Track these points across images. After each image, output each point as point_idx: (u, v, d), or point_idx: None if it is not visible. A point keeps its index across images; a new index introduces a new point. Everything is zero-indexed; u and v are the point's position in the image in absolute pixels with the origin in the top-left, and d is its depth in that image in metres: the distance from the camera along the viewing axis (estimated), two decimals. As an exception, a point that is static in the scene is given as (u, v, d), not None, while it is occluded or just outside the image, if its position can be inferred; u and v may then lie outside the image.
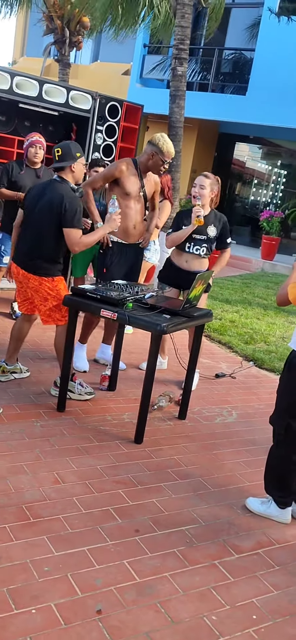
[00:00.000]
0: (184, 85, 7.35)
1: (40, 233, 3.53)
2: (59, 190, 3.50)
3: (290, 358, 2.84)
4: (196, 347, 3.94)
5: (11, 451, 2.99)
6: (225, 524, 2.79)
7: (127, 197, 4.07)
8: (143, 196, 4.16)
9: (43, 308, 3.63)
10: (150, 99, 11.74)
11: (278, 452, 2.89)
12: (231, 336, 6.16)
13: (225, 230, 4.30)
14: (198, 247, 4.21)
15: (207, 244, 4.22)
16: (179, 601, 2.21)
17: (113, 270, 4.09)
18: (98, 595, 2.14)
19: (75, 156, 3.57)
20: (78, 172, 3.62)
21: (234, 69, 15.35)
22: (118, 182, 4.03)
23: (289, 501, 2.91)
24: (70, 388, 3.70)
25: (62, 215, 3.45)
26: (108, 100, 5.93)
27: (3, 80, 5.11)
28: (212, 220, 4.23)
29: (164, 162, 4.03)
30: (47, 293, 3.58)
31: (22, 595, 2.06)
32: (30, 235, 3.57)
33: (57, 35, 10.06)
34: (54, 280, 3.59)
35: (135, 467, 3.12)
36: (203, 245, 4.21)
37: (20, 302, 3.78)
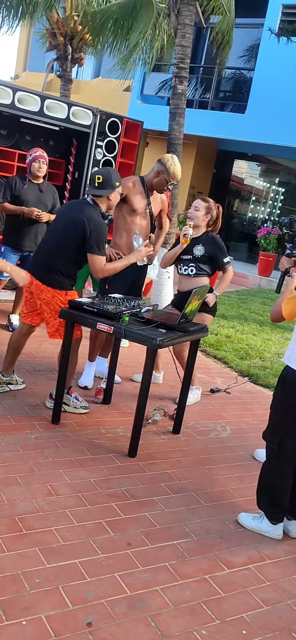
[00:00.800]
0: (184, 103, 7.43)
1: (62, 248, 3.58)
2: (88, 212, 3.55)
3: (284, 373, 2.87)
4: (191, 362, 3.97)
5: (5, 462, 3.00)
6: (217, 539, 2.81)
7: (133, 214, 4.13)
8: (150, 213, 4.22)
9: (53, 321, 3.66)
10: (151, 116, 11.87)
11: (270, 468, 2.91)
12: (227, 351, 6.20)
13: (218, 251, 4.25)
14: (186, 267, 4.27)
15: (194, 263, 4.23)
16: (170, 615, 2.22)
17: (115, 286, 4.11)
18: (89, 607, 2.15)
19: (115, 185, 3.62)
20: (114, 201, 3.68)
21: (234, 87, 15.56)
22: (125, 199, 4.09)
23: (281, 517, 2.93)
24: (65, 401, 3.72)
25: (86, 238, 3.49)
26: (109, 116, 6.01)
27: (5, 95, 5.18)
28: (201, 241, 4.26)
29: (168, 183, 4.10)
30: (58, 306, 3.60)
31: (13, 607, 2.07)
32: (52, 249, 3.63)
33: (59, 51, 10.19)
34: (67, 294, 3.64)
35: (128, 480, 3.14)
36: (190, 265, 4.25)
37: (26, 312, 3.80)
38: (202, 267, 4.26)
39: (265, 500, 2.95)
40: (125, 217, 4.15)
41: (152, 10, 8.13)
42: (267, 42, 12.38)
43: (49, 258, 3.62)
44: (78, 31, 10.07)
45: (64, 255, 3.59)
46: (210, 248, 4.25)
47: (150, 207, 4.19)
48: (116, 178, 3.67)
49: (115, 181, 3.64)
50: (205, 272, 4.29)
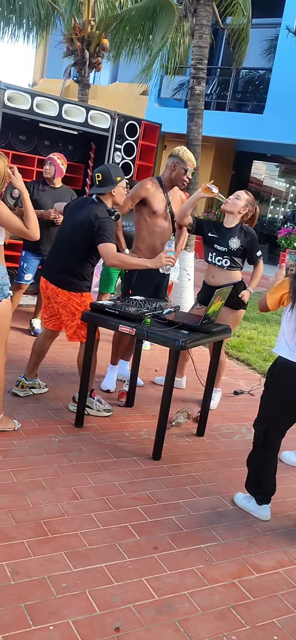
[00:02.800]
0: (202, 104, 7.39)
1: (71, 249, 3.56)
2: (94, 211, 3.52)
3: (273, 364, 2.94)
4: (214, 364, 3.91)
5: (29, 466, 3.00)
6: (245, 542, 2.75)
7: (154, 216, 4.10)
8: (170, 213, 4.17)
9: (70, 324, 3.64)
10: (168, 118, 11.84)
11: (256, 455, 3.04)
12: (250, 353, 6.12)
13: (253, 244, 4.19)
14: (220, 258, 4.16)
15: (229, 255, 4.14)
16: (198, 620, 2.18)
17: (138, 291, 4.07)
18: (117, 612, 2.12)
19: (115, 180, 3.57)
20: (118, 196, 3.62)
21: (251, 88, 15.45)
22: (145, 202, 4.06)
23: (265, 499, 3.02)
24: (88, 404, 3.70)
25: (95, 234, 3.46)
26: (127, 119, 6.01)
27: (24, 101, 5.22)
28: (236, 233, 4.16)
29: (186, 171, 4.05)
30: (75, 308, 3.59)
31: (39, 612, 2.04)
32: (62, 250, 3.62)
33: (77, 57, 10.24)
34: (82, 295, 3.60)
35: (153, 483, 3.10)
36: (224, 257, 4.14)
37: (47, 318, 3.79)
38: (236, 260, 4.18)
39: (251, 482, 3.06)
40: (146, 220, 4.12)
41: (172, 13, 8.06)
42: (285, 41, 12.24)
43: (60, 260, 3.61)
44: (96, 36, 10.10)
45: (74, 257, 3.56)
46: (245, 240, 4.16)
47: (170, 206, 4.15)
48: (116, 173, 3.60)
49: (116, 176, 3.58)
50: (238, 265, 4.21)
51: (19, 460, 3.03)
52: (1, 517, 2.52)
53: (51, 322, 3.78)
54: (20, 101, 5.19)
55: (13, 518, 2.54)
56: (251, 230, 4.25)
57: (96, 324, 3.57)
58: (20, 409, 3.62)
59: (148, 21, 8.52)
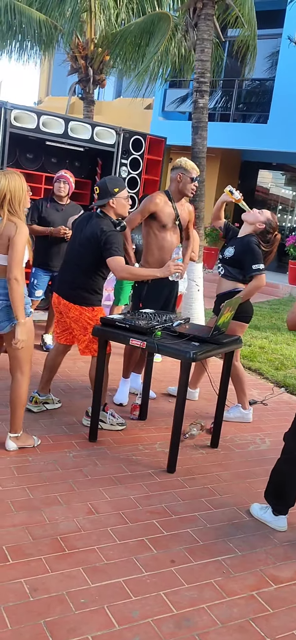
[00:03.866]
0: (206, 117, 7.44)
1: (80, 264, 3.61)
2: (99, 224, 3.56)
3: None
4: (226, 375, 3.90)
5: (45, 482, 3.01)
6: (262, 554, 2.73)
7: (164, 230, 4.12)
8: (179, 226, 4.21)
9: (82, 338, 3.67)
10: (173, 131, 11.94)
11: (284, 468, 2.98)
12: (261, 362, 6.09)
13: (248, 255, 4.00)
14: (219, 265, 4.25)
15: (222, 263, 4.19)
16: (218, 633, 2.16)
17: (148, 303, 4.08)
18: (136, 627, 2.11)
19: (113, 192, 3.59)
20: (119, 207, 3.63)
21: (255, 98, 15.53)
22: (154, 216, 4.09)
23: (284, 510, 2.98)
24: (101, 418, 3.71)
25: (102, 248, 3.49)
26: (132, 134, 6.07)
27: (30, 120, 5.30)
28: (236, 242, 4.13)
29: (192, 180, 4.08)
30: (87, 323, 3.62)
31: (59, 628, 2.04)
32: (72, 266, 3.66)
33: (81, 74, 10.40)
34: (94, 310, 3.63)
35: (168, 496, 3.09)
36: (220, 265, 4.22)
37: (59, 332, 3.83)
38: (230, 270, 4.12)
39: (271, 493, 3.02)
40: (156, 234, 4.14)
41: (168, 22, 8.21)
42: (287, 51, 12.33)
43: (71, 276, 3.65)
44: (99, 53, 10.25)
45: (84, 271, 3.60)
46: (239, 250, 4.05)
47: (178, 219, 4.18)
48: (113, 185, 3.61)
49: (113, 187, 3.59)
50: (232, 276, 4.12)
51: (34, 476, 3.04)
52: (18, 534, 2.53)
53: (63, 337, 3.80)
54: (26, 120, 5.27)
55: (30, 534, 2.54)
56: (251, 242, 4.05)
57: (107, 338, 3.59)
58: (34, 425, 3.64)
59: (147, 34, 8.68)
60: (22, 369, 3.19)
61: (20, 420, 3.26)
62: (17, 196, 3.06)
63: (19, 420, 3.25)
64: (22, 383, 3.20)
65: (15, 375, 3.20)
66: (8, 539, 2.48)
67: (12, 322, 3.10)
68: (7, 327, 3.12)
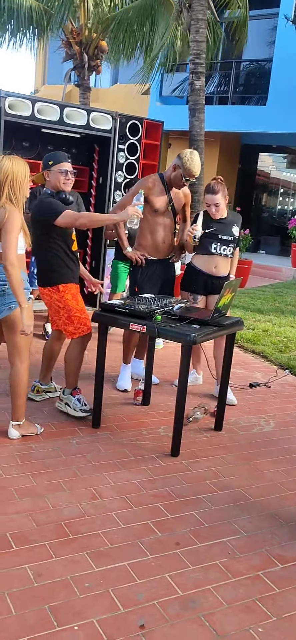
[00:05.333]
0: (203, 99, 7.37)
1: (36, 245, 3.56)
2: (38, 199, 3.63)
3: None
4: (229, 357, 3.87)
5: (48, 469, 3.00)
6: (268, 534, 2.71)
7: (156, 214, 4.07)
8: (172, 210, 4.15)
9: (57, 321, 3.66)
10: (171, 116, 11.83)
11: None
12: (265, 345, 6.06)
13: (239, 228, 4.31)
14: (225, 247, 4.16)
15: (233, 244, 4.21)
16: (224, 614, 2.15)
17: (145, 288, 4.06)
18: (141, 610, 2.10)
19: (47, 164, 3.60)
20: (53, 179, 3.58)
21: (253, 80, 15.37)
22: (147, 200, 4.03)
23: None
24: (67, 402, 3.68)
25: (43, 218, 3.48)
26: (129, 119, 6.01)
27: (25, 107, 5.24)
28: (234, 220, 4.23)
29: (183, 179, 4.01)
30: (57, 305, 3.59)
31: (64, 612, 2.04)
32: (35, 251, 3.67)
33: (76, 60, 10.31)
34: (59, 290, 3.55)
35: (172, 480, 3.08)
36: (230, 246, 4.18)
37: (51, 320, 3.83)
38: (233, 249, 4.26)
39: None
40: (148, 218, 4.09)
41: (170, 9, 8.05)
42: (284, 31, 12.16)
43: (36, 260, 3.71)
44: (94, 39, 10.14)
45: (39, 250, 3.59)
46: (240, 226, 4.26)
47: (172, 203, 4.12)
48: (49, 158, 3.63)
49: (48, 160, 3.61)
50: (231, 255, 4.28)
51: (37, 463, 3.03)
52: (22, 521, 2.52)
53: (55, 323, 3.79)
54: (21, 108, 5.22)
55: (34, 521, 2.53)
56: (239, 216, 4.34)
57: (107, 324, 3.56)
58: (37, 413, 3.63)
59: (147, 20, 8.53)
60: (21, 357, 3.17)
61: (21, 408, 3.25)
62: (18, 180, 3.04)
63: (20, 409, 3.24)
64: (21, 371, 3.18)
65: (15, 363, 3.18)
66: (11, 525, 2.48)
67: (9, 307, 3.07)
68: (4, 312, 3.10)
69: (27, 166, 3.14)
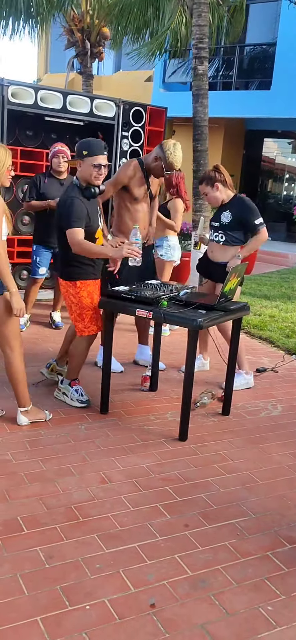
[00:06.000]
0: (206, 84, 7.29)
1: (59, 237, 3.52)
2: (65, 192, 3.50)
3: None
4: (235, 343, 3.87)
5: (57, 454, 3.02)
6: (276, 516, 2.73)
7: (135, 202, 4.07)
8: (150, 196, 4.16)
9: (71, 316, 3.58)
10: (175, 103, 11.77)
11: None
12: (272, 331, 6.06)
13: (247, 212, 4.04)
14: (216, 234, 4.18)
15: (223, 230, 4.12)
16: (233, 593, 2.17)
17: (126, 275, 3.97)
18: (151, 590, 2.13)
19: (82, 154, 3.40)
20: (83, 171, 3.41)
21: (257, 64, 15.22)
22: (127, 188, 4.02)
23: None
24: (65, 391, 3.69)
25: (63, 218, 3.39)
26: (132, 105, 5.97)
27: (28, 96, 5.23)
28: (228, 206, 4.11)
29: (164, 171, 3.98)
30: (70, 300, 3.52)
31: (75, 593, 2.07)
32: (58, 241, 3.62)
33: (78, 48, 10.24)
34: (76, 285, 3.48)
35: (181, 463, 3.10)
36: (219, 232, 4.15)
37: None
38: (233, 234, 4.10)
39: None
40: (128, 206, 4.08)
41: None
42: (287, 13, 11.99)
43: (59, 251, 3.62)
44: (96, 25, 10.07)
45: (61, 244, 3.49)
46: (237, 211, 4.06)
47: (150, 190, 4.11)
48: (83, 147, 3.39)
49: (82, 149, 3.38)
50: (237, 240, 4.11)
51: (47, 449, 3.06)
52: (32, 505, 2.55)
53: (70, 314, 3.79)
54: (24, 96, 5.21)
55: (44, 505, 2.56)
56: (245, 200, 4.12)
57: (113, 310, 3.57)
58: (45, 400, 3.65)
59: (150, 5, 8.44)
60: (10, 344, 3.11)
61: (23, 394, 3.25)
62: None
63: (22, 395, 3.25)
64: (12, 359, 3.14)
65: (5, 352, 3.14)
66: (22, 509, 2.51)
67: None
68: None
69: (8, 155, 3.05)
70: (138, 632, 1.92)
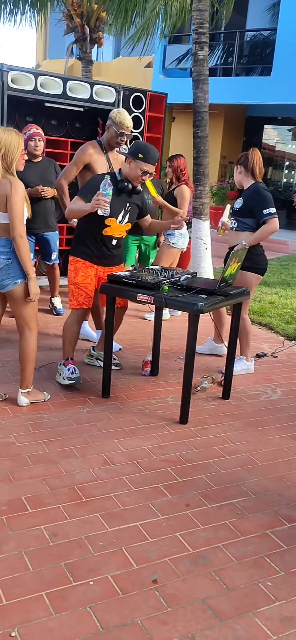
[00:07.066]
0: (206, 70, 7.24)
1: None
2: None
3: None
4: (235, 327, 3.91)
5: (60, 437, 3.07)
6: (275, 496, 2.77)
7: None
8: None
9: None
10: (175, 89, 11.70)
11: None
12: (272, 317, 6.09)
13: (257, 201, 4.05)
14: (232, 220, 4.25)
15: (234, 216, 4.22)
16: (233, 569, 2.22)
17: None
18: (153, 566, 2.18)
19: (136, 155, 3.54)
20: (131, 171, 3.56)
21: (257, 50, 15.12)
22: (88, 167, 4.07)
23: None
24: (59, 371, 3.74)
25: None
26: (132, 91, 5.96)
27: (28, 81, 5.22)
28: (244, 193, 4.17)
29: (118, 133, 4.00)
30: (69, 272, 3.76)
31: (79, 569, 2.11)
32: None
33: (77, 33, 10.16)
34: (70, 260, 3.74)
35: (181, 446, 3.14)
36: (233, 218, 4.22)
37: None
38: (243, 220, 4.13)
39: None
40: None
41: None
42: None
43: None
44: (95, 10, 9.99)
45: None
46: (249, 199, 4.09)
47: (111, 168, 4.13)
48: (141, 150, 3.54)
49: (139, 151, 3.54)
50: (247, 225, 4.13)
51: (49, 431, 3.11)
52: (36, 485, 2.60)
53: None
54: (24, 82, 5.20)
55: (47, 485, 2.61)
56: (259, 188, 4.09)
57: (114, 295, 3.60)
58: (47, 384, 3.69)
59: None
60: (29, 325, 3.24)
61: (30, 376, 3.32)
62: (10, 152, 3.04)
63: (29, 376, 3.32)
64: (30, 340, 3.26)
65: (24, 332, 3.25)
66: (26, 490, 2.55)
67: (15, 281, 3.12)
68: (10, 286, 3.14)
69: (21, 139, 3.12)
70: (141, 606, 1.97)
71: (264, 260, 4.27)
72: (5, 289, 3.16)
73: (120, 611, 1.94)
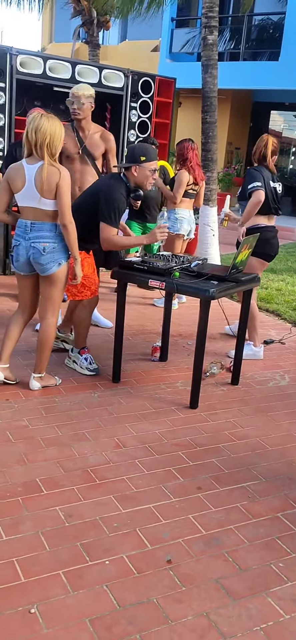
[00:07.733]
0: (216, 54, 7.18)
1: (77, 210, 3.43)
2: (108, 183, 3.47)
3: None
4: (245, 313, 3.92)
5: (72, 420, 3.10)
6: (286, 480, 2.80)
7: (69, 160, 4.11)
8: (86, 154, 4.16)
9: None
10: (181, 74, 11.59)
11: None
12: (279, 304, 6.09)
13: (244, 182, 4.22)
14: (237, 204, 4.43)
15: (238, 201, 4.40)
16: (246, 551, 2.25)
17: None
18: (167, 547, 2.21)
19: (138, 159, 3.43)
20: (140, 176, 3.45)
21: (265, 34, 14.94)
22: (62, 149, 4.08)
23: None
24: (75, 359, 3.76)
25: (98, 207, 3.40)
26: (141, 76, 5.93)
27: (36, 65, 5.20)
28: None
29: (71, 102, 4.06)
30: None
31: (95, 549, 2.15)
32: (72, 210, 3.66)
33: (84, 16, 10.09)
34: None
35: (192, 430, 3.17)
36: (237, 203, 4.44)
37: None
38: (243, 204, 4.28)
39: None
40: (65, 166, 4.04)
41: None
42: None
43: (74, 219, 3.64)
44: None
45: (78, 217, 3.41)
46: (243, 182, 4.28)
47: (84, 146, 4.12)
48: (141, 152, 3.45)
49: (140, 155, 3.43)
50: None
51: (61, 415, 3.14)
52: (50, 467, 2.63)
53: None
54: (32, 66, 5.18)
55: (61, 467, 2.65)
56: (249, 170, 4.32)
57: (126, 281, 3.61)
58: (58, 369, 3.72)
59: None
60: (54, 310, 3.29)
61: (45, 361, 3.37)
62: (55, 141, 3.08)
63: (44, 361, 3.36)
64: (52, 324, 3.31)
65: (46, 317, 3.29)
66: (40, 472, 2.59)
67: (59, 262, 3.18)
68: (54, 268, 3.18)
69: (62, 128, 3.17)
70: (156, 585, 2.01)
71: (270, 246, 4.30)
72: (48, 271, 3.19)
73: (136, 590, 1.98)
